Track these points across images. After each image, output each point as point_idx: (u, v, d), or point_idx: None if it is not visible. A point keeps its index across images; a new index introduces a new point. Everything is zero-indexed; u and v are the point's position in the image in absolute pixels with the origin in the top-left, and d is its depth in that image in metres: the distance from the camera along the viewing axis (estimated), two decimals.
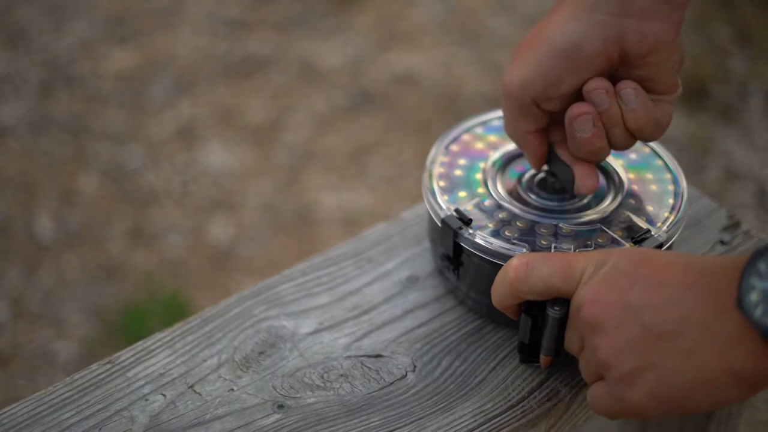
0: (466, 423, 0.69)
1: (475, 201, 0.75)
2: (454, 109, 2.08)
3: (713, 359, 0.58)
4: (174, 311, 1.71)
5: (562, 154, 0.73)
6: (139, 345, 0.75)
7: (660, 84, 0.70)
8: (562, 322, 0.66)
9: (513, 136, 0.74)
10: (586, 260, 0.64)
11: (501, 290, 0.67)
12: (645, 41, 0.68)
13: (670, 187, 0.77)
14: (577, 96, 0.71)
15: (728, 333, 0.57)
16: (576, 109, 0.70)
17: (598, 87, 0.69)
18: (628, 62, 0.69)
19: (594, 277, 0.63)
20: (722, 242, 0.82)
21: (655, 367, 0.59)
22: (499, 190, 0.77)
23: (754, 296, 0.56)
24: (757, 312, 0.55)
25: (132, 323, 1.71)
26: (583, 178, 0.72)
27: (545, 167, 0.76)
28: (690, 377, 0.59)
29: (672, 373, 0.59)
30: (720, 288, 0.58)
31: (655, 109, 0.70)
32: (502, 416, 0.70)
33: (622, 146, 0.71)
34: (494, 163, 0.79)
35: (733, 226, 0.83)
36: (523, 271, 0.66)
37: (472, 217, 0.74)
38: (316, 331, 0.76)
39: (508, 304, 0.68)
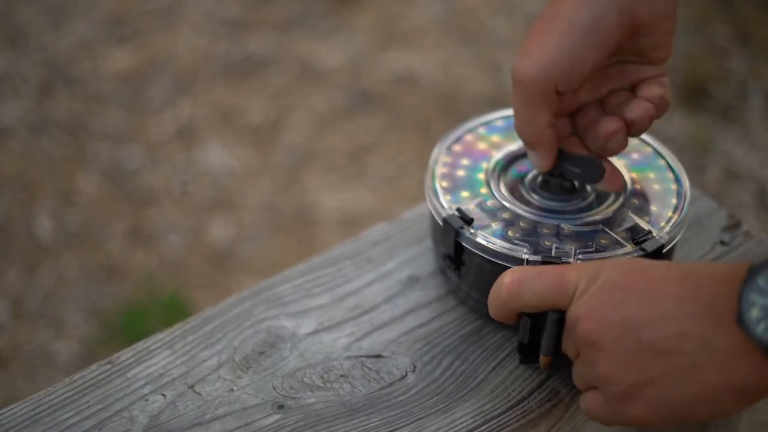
0: (466, 423, 0.69)
1: (477, 201, 0.75)
2: (454, 109, 2.08)
3: (714, 374, 0.57)
4: (174, 311, 1.71)
5: (575, 148, 0.74)
6: (139, 345, 0.74)
7: (663, 50, 0.72)
8: (561, 323, 0.66)
9: (528, 133, 0.72)
10: (579, 274, 0.63)
11: (497, 306, 0.67)
12: (655, 10, 0.69)
13: (673, 187, 0.77)
14: (593, 77, 0.71)
15: (729, 348, 0.57)
16: (610, 126, 0.71)
17: (617, 129, 0.71)
18: (638, 32, 0.70)
19: (588, 290, 0.62)
20: (722, 242, 0.82)
21: (654, 382, 0.59)
22: (502, 190, 0.76)
23: (754, 313, 0.55)
24: (759, 329, 0.55)
25: (132, 323, 1.71)
26: (613, 175, 0.74)
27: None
28: (691, 392, 0.58)
29: (672, 389, 0.59)
30: (718, 302, 0.57)
31: (663, 91, 0.72)
32: (502, 417, 0.70)
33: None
34: (497, 164, 0.78)
35: (734, 226, 0.83)
36: (516, 288, 0.65)
37: (474, 217, 0.73)
38: (316, 332, 0.75)
39: (506, 317, 0.68)
